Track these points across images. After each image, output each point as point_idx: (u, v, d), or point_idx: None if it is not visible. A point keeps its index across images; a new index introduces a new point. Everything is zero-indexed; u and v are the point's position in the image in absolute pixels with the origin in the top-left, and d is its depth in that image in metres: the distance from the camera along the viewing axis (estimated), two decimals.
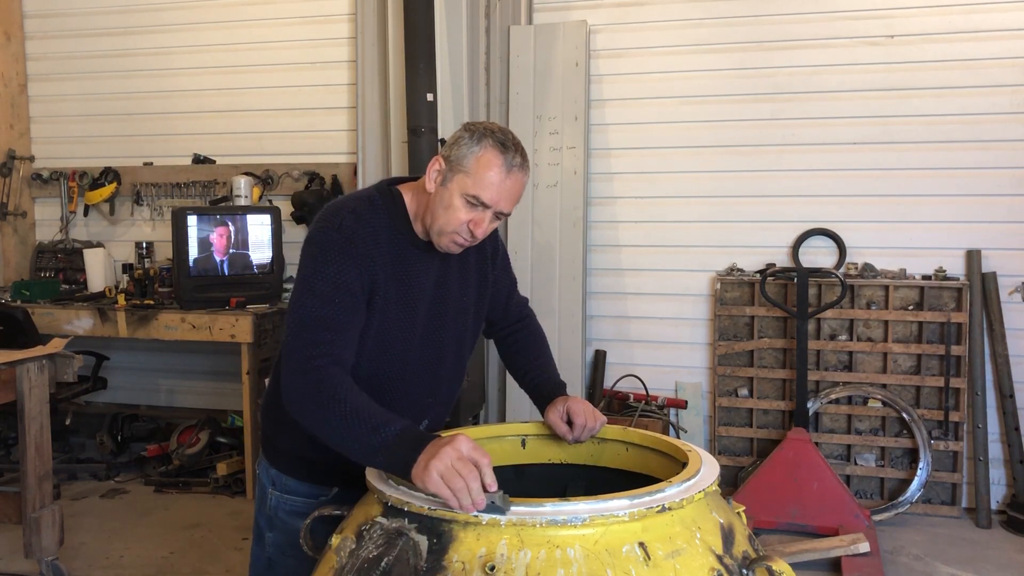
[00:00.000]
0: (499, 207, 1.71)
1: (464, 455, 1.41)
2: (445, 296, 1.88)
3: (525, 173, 1.72)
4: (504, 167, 1.68)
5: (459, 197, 1.70)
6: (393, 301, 1.78)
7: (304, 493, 1.89)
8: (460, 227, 1.72)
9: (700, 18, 4.45)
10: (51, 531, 3.24)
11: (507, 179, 1.69)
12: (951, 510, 4.15)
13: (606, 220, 4.63)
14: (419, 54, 4.08)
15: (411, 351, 1.84)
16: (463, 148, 1.70)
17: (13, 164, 5.34)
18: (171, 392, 5.33)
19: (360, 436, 1.54)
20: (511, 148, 1.70)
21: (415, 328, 1.83)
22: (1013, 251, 4.16)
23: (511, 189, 1.70)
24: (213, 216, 4.53)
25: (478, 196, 1.69)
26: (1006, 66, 4.11)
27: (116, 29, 5.28)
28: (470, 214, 1.71)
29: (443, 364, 1.92)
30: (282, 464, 1.91)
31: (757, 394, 4.40)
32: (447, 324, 1.90)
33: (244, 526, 4.07)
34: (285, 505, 1.90)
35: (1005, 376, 4.10)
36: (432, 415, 1.97)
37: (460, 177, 1.70)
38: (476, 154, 1.69)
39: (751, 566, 1.40)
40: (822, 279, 4.23)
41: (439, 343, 1.89)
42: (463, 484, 1.37)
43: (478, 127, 1.73)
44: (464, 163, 1.69)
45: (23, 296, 4.73)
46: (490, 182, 1.68)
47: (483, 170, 1.68)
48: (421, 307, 1.83)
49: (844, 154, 4.31)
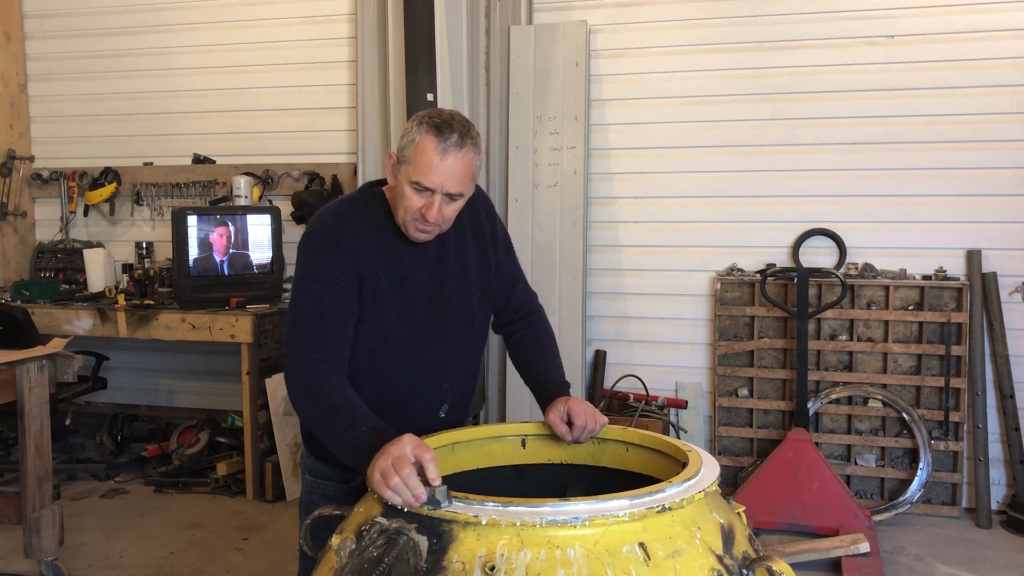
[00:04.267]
0: (444, 188, 1.76)
1: (404, 454, 1.46)
2: (444, 283, 1.94)
3: (465, 150, 1.75)
4: (438, 150, 1.73)
5: (408, 186, 1.77)
6: (387, 291, 1.86)
7: (335, 478, 1.96)
8: (415, 214, 1.79)
9: (700, 18, 4.45)
10: (51, 531, 3.25)
11: (444, 161, 1.73)
12: (951, 510, 4.15)
13: (606, 220, 4.63)
14: (419, 54, 4.08)
15: (416, 338, 1.91)
16: (405, 139, 1.78)
17: (13, 164, 5.34)
18: (171, 392, 5.33)
19: (336, 434, 1.66)
20: (447, 129, 1.74)
21: (415, 315, 1.90)
22: (1013, 251, 4.16)
23: (450, 170, 1.74)
24: (213, 216, 4.54)
25: (419, 182, 1.75)
26: (1006, 66, 4.11)
27: (116, 29, 5.28)
28: (420, 200, 1.77)
29: (452, 348, 1.98)
30: (315, 450, 1.98)
31: (757, 394, 4.40)
32: (450, 310, 1.96)
33: (244, 526, 4.07)
34: (319, 490, 1.98)
35: (1005, 376, 4.10)
36: (451, 400, 2.01)
37: (405, 167, 1.78)
38: (415, 142, 1.75)
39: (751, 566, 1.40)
40: (822, 279, 4.23)
41: (444, 329, 1.95)
42: (400, 481, 1.42)
43: (421, 115, 1.79)
44: (405, 153, 1.77)
45: (23, 296, 4.73)
46: (427, 166, 1.73)
47: (420, 156, 1.74)
48: (418, 295, 1.90)
49: (844, 154, 4.31)
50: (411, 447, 1.48)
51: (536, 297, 2.22)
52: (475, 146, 1.79)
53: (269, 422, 4.47)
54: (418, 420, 1.94)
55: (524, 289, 2.18)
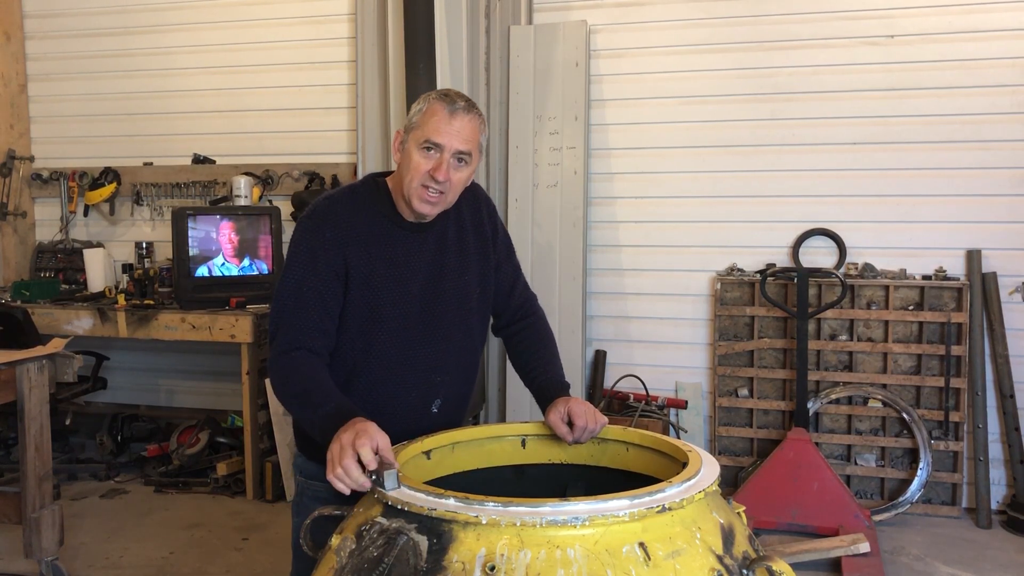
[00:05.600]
0: (453, 146, 1.83)
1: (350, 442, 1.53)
2: (442, 275, 1.97)
3: (472, 115, 1.86)
4: (447, 110, 1.83)
5: (417, 150, 1.84)
6: (381, 277, 1.90)
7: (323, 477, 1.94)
8: (424, 177, 1.84)
9: (700, 18, 4.45)
10: (51, 531, 3.24)
11: (453, 119, 1.83)
12: (951, 510, 4.15)
13: (606, 220, 4.63)
14: (419, 54, 4.08)
15: (411, 326, 1.93)
16: (413, 112, 1.89)
17: (13, 164, 5.34)
18: (171, 392, 5.33)
19: (307, 416, 1.74)
20: (453, 97, 1.86)
21: (411, 304, 1.93)
22: (1013, 251, 4.16)
23: (459, 128, 1.83)
24: (213, 216, 4.53)
25: (429, 139, 1.82)
26: (1006, 66, 4.11)
27: (116, 29, 5.28)
28: (429, 161, 1.84)
29: (448, 341, 1.99)
30: (304, 448, 2.01)
31: (757, 394, 4.40)
32: (449, 302, 1.98)
33: (244, 526, 4.07)
34: (308, 490, 1.99)
35: (1005, 376, 4.10)
36: (444, 393, 2.01)
37: (414, 133, 1.86)
38: (423, 110, 1.86)
39: (751, 566, 1.40)
40: (822, 279, 4.23)
41: (442, 320, 1.97)
42: (342, 471, 1.51)
43: (428, 94, 1.90)
44: (414, 121, 1.87)
45: (23, 296, 4.73)
46: (437, 124, 1.82)
47: (430, 118, 1.84)
48: (414, 284, 1.93)
49: (844, 154, 4.31)
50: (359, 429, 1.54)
51: (536, 299, 2.23)
52: (480, 116, 1.89)
53: (269, 422, 4.47)
54: (411, 413, 1.94)
55: (524, 290, 2.19)
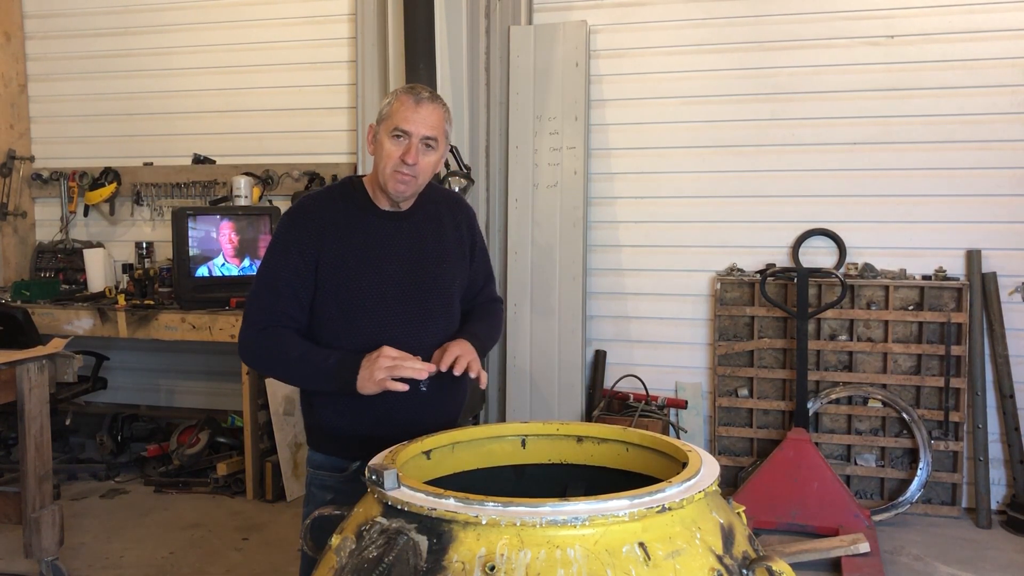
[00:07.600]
0: (420, 132, 1.98)
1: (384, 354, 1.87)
2: (421, 260, 2.10)
3: (436, 104, 2.02)
4: (413, 100, 1.99)
5: (388, 139, 2.00)
6: (358, 260, 2.03)
7: (329, 467, 2.08)
8: (396, 163, 1.99)
9: (700, 18, 4.45)
10: (51, 531, 3.25)
11: (419, 108, 1.99)
12: (951, 510, 4.15)
13: (606, 220, 4.63)
14: (419, 54, 4.08)
15: (391, 307, 2.04)
16: (382, 106, 2.05)
17: (13, 164, 5.34)
18: (171, 392, 5.33)
19: (313, 374, 1.96)
20: (419, 90, 2.02)
21: (388, 285, 2.05)
22: (1013, 251, 4.16)
23: (425, 116, 1.99)
24: (213, 216, 4.53)
25: (398, 126, 1.98)
26: (1006, 66, 4.11)
27: (116, 29, 5.28)
28: (399, 147, 1.99)
29: (432, 322, 2.09)
30: (312, 439, 2.13)
31: (757, 394, 4.40)
32: (429, 286, 2.10)
33: (244, 526, 4.07)
34: (316, 480, 2.11)
35: (1005, 376, 4.10)
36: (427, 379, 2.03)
37: (384, 124, 2.02)
38: (391, 103, 2.02)
39: (751, 566, 1.40)
40: (822, 279, 4.23)
41: (423, 303, 2.08)
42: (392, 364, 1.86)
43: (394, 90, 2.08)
44: (383, 113, 2.03)
45: (23, 296, 4.73)
46: (405, 114, 1.98)
47: (397, 109, 2.00)
48: (391, 266, 2.06)
49: (844, 154, 4.31)
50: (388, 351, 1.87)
51: (501, 301, 2.37)
52: (444, 107, 2.05)
53: (269, 422, 4.47)
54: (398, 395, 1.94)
55: (491, 292, 2.32)
